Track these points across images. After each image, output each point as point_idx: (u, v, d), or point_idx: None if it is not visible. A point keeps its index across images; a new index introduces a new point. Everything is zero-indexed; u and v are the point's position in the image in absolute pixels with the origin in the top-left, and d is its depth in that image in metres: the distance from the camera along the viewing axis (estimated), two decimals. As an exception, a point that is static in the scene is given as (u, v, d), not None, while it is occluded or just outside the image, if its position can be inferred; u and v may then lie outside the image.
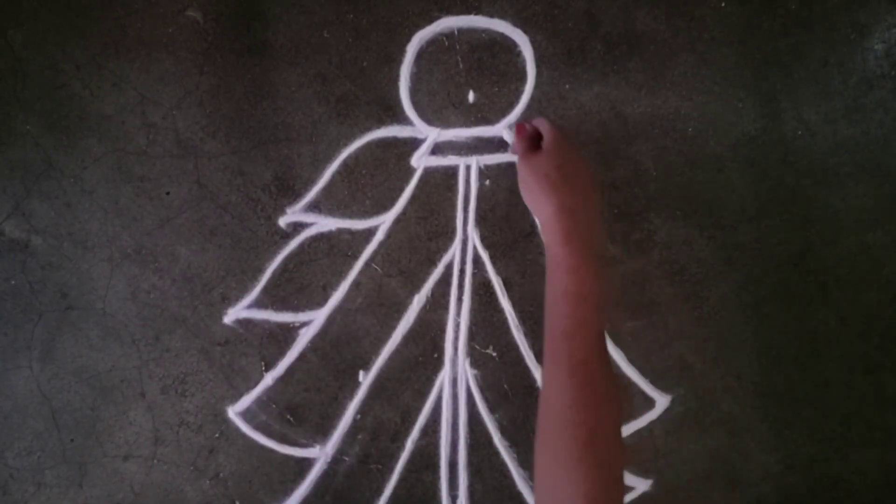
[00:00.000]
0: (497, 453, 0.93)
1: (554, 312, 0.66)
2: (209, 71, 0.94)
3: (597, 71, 0.91)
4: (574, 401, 0.63)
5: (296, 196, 0.95)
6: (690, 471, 0.92)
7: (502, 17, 0.91)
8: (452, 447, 0.94)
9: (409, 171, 0.94)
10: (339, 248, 0.95)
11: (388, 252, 0.94)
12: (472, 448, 0.94)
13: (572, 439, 0.61)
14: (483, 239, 0.93)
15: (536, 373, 0.93)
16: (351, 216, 0.94)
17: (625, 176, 0.91)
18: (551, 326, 0.66)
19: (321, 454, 0.95)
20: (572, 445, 0.61)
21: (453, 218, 0.93)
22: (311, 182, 0.94)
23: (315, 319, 0.95)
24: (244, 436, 0.96)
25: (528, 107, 0.92)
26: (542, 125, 0.76)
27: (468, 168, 0.93)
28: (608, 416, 0.62)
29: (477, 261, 0.94)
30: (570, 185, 0.70)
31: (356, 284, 0.95)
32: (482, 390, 0.94)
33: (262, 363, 0.96)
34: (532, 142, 0.76)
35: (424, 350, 0.94)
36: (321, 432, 0.95)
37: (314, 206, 0.94)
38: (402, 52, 0.93)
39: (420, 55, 0.93)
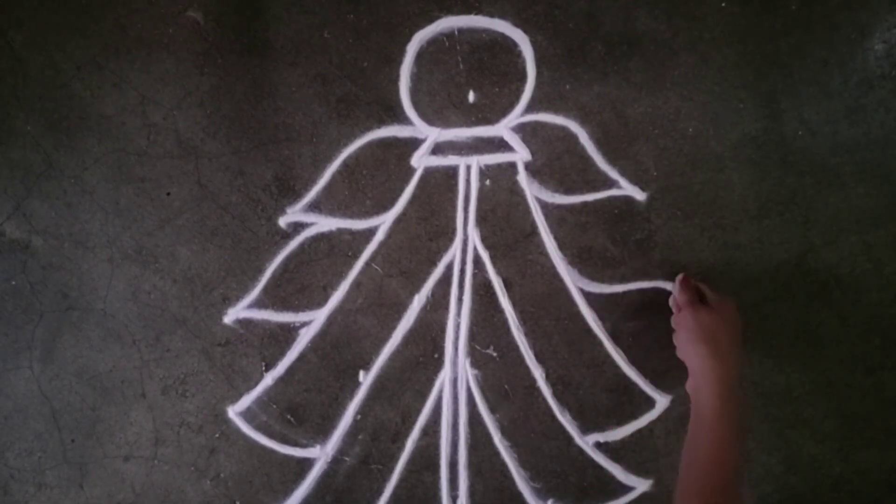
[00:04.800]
0: (497, 453, 0.93)
1: (699, 475, 0.70)
2: (210, 71, 0.94)
3: (597, 71, 0.91)
4: None
5: (296, 196, 0.95)
6: (691, 471, 0.92)
7: (502, 17, 0.91)
8: (453, 447, 0.94)
9: (410, 171, 0.94)
10: (339, 248, 0.95)
11: (388, 252, 0.94)
12: (473, 448, 0.94)
13: None
14: (483, 239, 0.93)
15: (536, 373, 0.93)
16: (351, 216, 0.94)
17: (630, 178, 0.92)
18: (692, 487, 0.70)
19: (321, 454, 0.95)
20: None
21: (453, 218, 0.93)
22: (311, 182, 0.94)
23: (315, 319, 0.95)
24: (245, 436, 0.96)
25: (529, 107, 0.92)
26: (703, 286, 0.83)
27: (468, 168, 0.93)
28: None
29: (477, 261, 0.94)
30: (735, 348, 0.77)
31: (356, 284, 0.95)
32: (482, 390, 0.94)
33: (263, 363, 0.96)
34: (695, 293, 0.81)
35: (425, 350, 0.94)
36: (321, 432, 0.95)
37: (314, 206, 0.94)
38: (402, 52, 0.93)
39: (420, 55, 0.93)
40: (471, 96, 0.93)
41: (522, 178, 0.92)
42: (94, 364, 0.97)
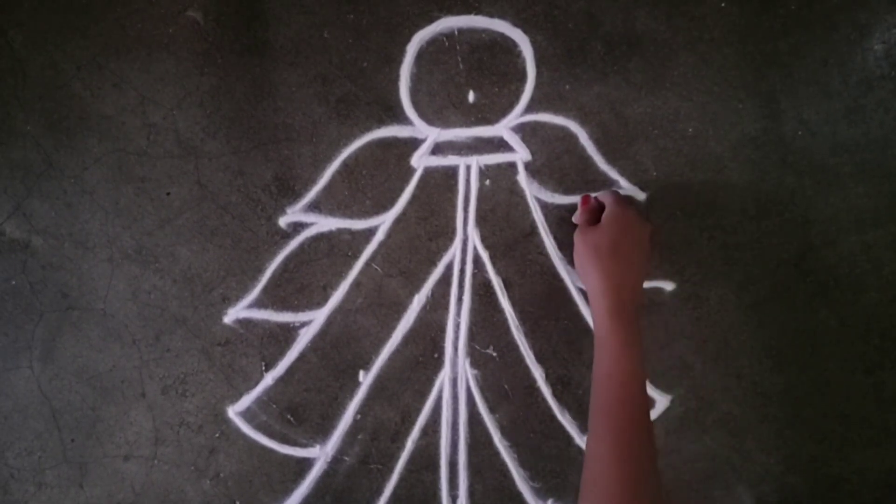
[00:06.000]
0: (497, 453, 0.93)
1: (599, 390, 0.71)
2: (209, 71, 0.94)
3: (597, 71, 0.91)
4: (616, 478, 0.65)
5: (296, 196, 0.95)
6: (690, 471, 0.93)
7: (502, 17, 0.91)
8: (452, 447, 0.94)
9: (409, 171, 0.94)
10: (339, 248, 0.95)
11: (388, 252, 0.94)
12: (472, 448, 0.94)
13: None
14: (483, 239, 0.93)
15: (536, 373, 0.93)
16: (351, 216, 0.94)
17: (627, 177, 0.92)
18: (595, 403, 0.71)
19: (321, 454, 0.95)
20: None
21: (453, 218, 0.94)
22: (311, 182, 0.94)
23: (315, 319, 0.95)
24: (244, 436, 0.96)
25: (529, 107, 0.92)
26: (607, 199, 0.81)
27: (468, 168, 0.93)
28: (648, 493, 0.65)
29: (477, 261, 0.94)
30: (624, 261, 0.76)
31: (356, 284, 0.95)
32: (482, 390, 0.94)
33: (263, 363, 0.96)
34: (593, 214, 0.81)
35: (424, 350, 0.94)
36: (321, 432, 0.95)
37: (314, 206, 0.95)
38: (402, 52, 0.93)
39: (420, 55, 0.93)
40: (471, 96, 0.93)
41: (522, 178, 0.92)
42: (94, 364, 0.97)
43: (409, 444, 0.95)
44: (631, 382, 0.69)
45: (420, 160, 0.94)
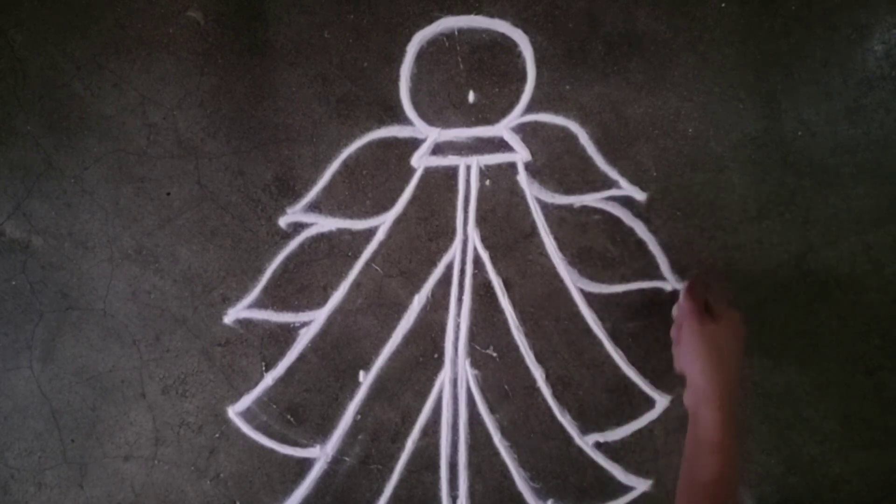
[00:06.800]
0: (497, 454, 0.93)
1: (698, 490, 0.70)
2: (210, 71, 0.94)
3: (597, 71, 0.91)
4: None
5: (296, 196, 0.95)
6: (691, 471, 0.92)
7: (503, 17, 0.91)
8: (453, 447, 0.94)
9: (410, 172, 0.94)
10: (339, 249, 0.95)
11: (388, 252, 0.94)
12: (473, 448, 0.94)
13: None
14: (483, 239, 0.93)
15: (536, 373, 0.93)
16: (351, 216, 0.94)
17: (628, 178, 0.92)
18: (688, 498, 0.70)
19: (321, 454, 0.95)
20: None
21: (453, 218, 0.93)
22: (311, 182, 0.94)
23: (315, 319, 0.95)
24: (245, 436, 0.96)
25: (529, 107, 0.92)
26: (715, 297, 0.81)
27: (468, 168, 0.93)
28: None
29: (477, 261, 0.94)
30: (734, 365, 0.75)
31: (356, 285, 0.95)
32: (482, 391, 0.94)
33: (263, 363, 0.96)
34: (702, 303, 0.80)
35: (425, 350, 0.94)
36: (321, 432, 0.95)
37: (314, 207, 0.94)
38: (402, 52, 0.93)
39: (420, 55, 0.93)
40: (471, 96, 0.93)
41: (522, 178, 0.92)
42: (94, 364, 0.97)
43: (410, 444, 0.94)
44: (728, 487, 0.69)
45: (420, 160, 0.94)
